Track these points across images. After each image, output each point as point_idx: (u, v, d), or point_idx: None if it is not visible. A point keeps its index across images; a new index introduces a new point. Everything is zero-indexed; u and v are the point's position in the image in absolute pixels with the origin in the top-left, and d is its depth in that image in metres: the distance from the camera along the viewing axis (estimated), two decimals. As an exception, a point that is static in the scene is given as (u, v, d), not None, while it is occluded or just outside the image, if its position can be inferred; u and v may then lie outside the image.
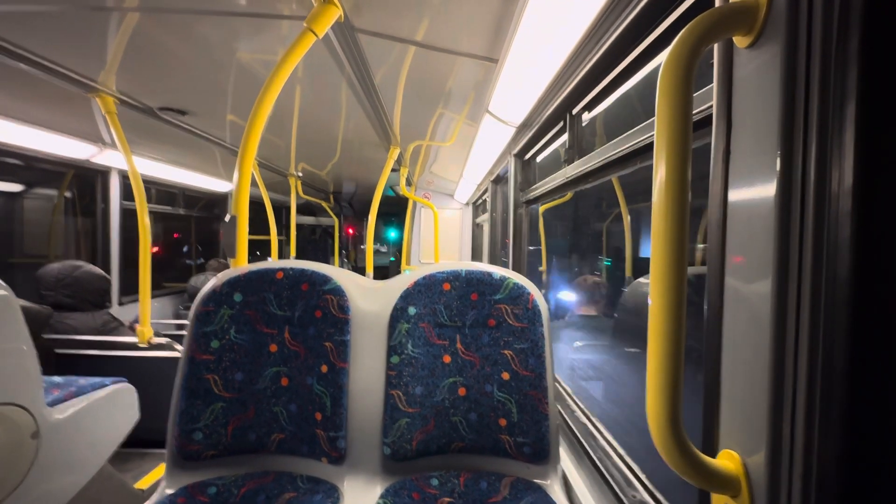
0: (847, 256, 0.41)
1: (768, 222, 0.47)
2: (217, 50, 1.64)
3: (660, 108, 0.48)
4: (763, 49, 0.49)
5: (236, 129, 2.81)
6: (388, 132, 2.82)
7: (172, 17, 1.41)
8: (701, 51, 0.48)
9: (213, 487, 1.01)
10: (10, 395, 1.19)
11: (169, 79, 1.96)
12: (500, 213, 3.65)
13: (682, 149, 0.47)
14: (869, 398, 0.42)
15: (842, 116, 0.42)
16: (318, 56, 1.64)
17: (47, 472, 1.28)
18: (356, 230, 10.27)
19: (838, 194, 0.42)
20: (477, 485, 1.02)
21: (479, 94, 1.99)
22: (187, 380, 1.07)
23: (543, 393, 1.06)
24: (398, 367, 1.09)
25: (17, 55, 1.64)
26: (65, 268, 2.46)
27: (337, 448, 1.05)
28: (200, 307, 1.11)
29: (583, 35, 1.11)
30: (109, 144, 3.10)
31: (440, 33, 1.45)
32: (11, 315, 1.21)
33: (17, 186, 3.20)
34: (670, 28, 0.85)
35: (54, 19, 1.43)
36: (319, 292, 1.13)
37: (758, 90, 0.50)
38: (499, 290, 1.12)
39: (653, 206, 0.49)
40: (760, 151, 0.49)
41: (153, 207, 4.38)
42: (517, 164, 2.33)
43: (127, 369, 2.16)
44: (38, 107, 2.32)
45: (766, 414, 0.47)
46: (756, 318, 0.49)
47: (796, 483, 0.44)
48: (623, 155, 1.08)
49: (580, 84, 1.29)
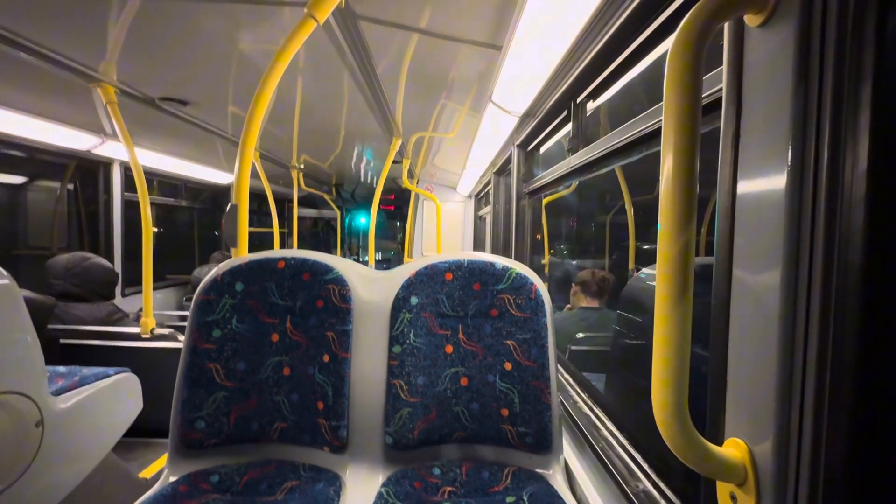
0: (859, 245, 0.40)
1: (778, 210, 0.46)
2: (218, 39, 1.63)
3: (667, 92, 0.47)
4: (776, 28, 0.47)
5: (238, 120, 2.80)
6: (390, 123, 2.80)
7: (173, 5, 1.39)
8: (710, 31, 0.46)
9: (216, 475, 1.01)
10: (15, 384, 1.20)
11: (170, 68, 1.95)
12: (502, 205, 3.63)
13: (691, 135, 0.46)
14: (878, 387, 0.41)
15: (857, 99, 0.41)
16: (320, 45, 1.62)
17: (52, 460, 1.29)
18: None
19: (851, 182, 0.41)
20: (479, 474, 1.03)
21: (482, 84, 1.97)
22: (189, 369, 1.07)
23: (546, 383, 1.05)
24: (400, 356, 1.08)
25: (17, 44, 1.62)
26: (74, 258, 2.49)
27: (339, 437, 1.05)
28: (202, 296, 1.10)
29: (587, 20, 1.09)
30: (111, 135, 3.10)
31: (442, 20, 1.43)
32: (15, 305, 1.21)
33: (19, 178, 3.20)
34: (678, 9, 0.83)
35: (55, 8, 1.41)
36: (321, 282, 1.12)
37: (770, 72, 0.49)
38: (501, 280, 1.11)
39: (660, 194, 0.48)
40: (771, 137, 0.48)
41: (155, 199, 4.38)
42: (520, 155, 2.32)
43: (130, 359, 2.18)
44: (39, 97, 2.31)
45: (774, 403, 0.46)
46: (764, 306, 0.48)
47: (804, 471, 0.44)
48: (629, 142, 1.06)
49: (585, 72, 1.27)
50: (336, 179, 6.41)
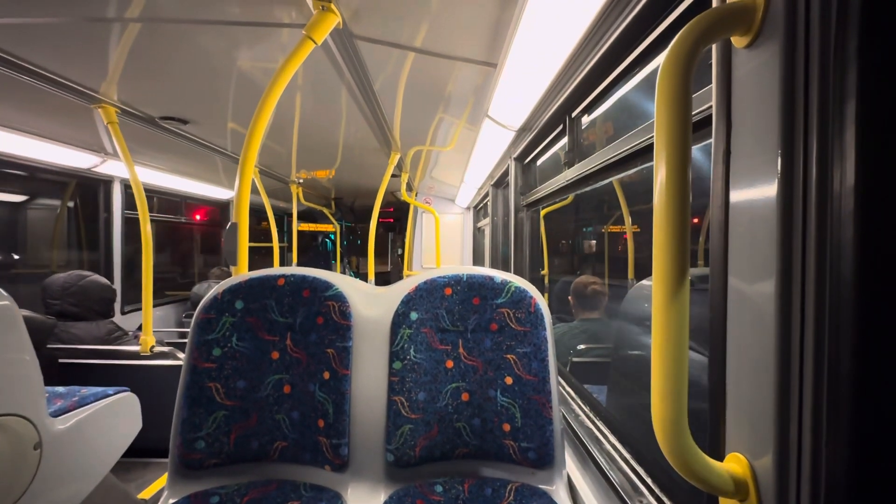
0: (850, 256, 0.41)
1: (770, 223, 0.47)
2: (217, 59, 1.65)
3: (659, 109, 0.48)
4: (761, 49, 0.49)
5: (237, 138, 2.83)
6: (388, 137, 2.83)
7: (173, 27, 1.42)
8: (699, 51, 0.48)
9: (216, 496, 1.00)
10: (13, 405, 1.19)
11: (170, 88, 1.97)
12: (500, 217, 3.65)
13: (682, 150, 0.47)
14: (876, 398, 0.41)
15: (842, 116, 0.42)
16: (318, 63, 1.64)
17: (50, 482, 1.28)
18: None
19: (840, 194, 0.42)
20: (481, 491, 1.02)
21: (479, 99, 1.99)
22: (189, 388, 1.07)
23: (547, 397, 1.05)
24: (400, 372, 1.08)
25: (19, 67, 1.65)
26: (71, 277, 2.49)
27: (340, 455, 1.04)
28: (202, 315, 1.10)
29: (581, 38, 1.11)
30: (112, 154, 3.12)
31: (438, 39, 1.45)
32: (14, 325, 1.21)
33: (20, 197, 3.22)
34: (668, 29, 0.85)
35: (56, 31, 1.44)
36: (321, 298, 1.13)
37: (757, 90, 0.50)
38: (500, 294, 1.11)
39: (654, 207, 0.49)
40: (761, 151, 0.49)
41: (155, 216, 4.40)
42: (517, 168, 2.33)
43: (130, 378, 2.16)
44: (40, 118, 2.34)
45: (773, 417, 0.46)
46: (760, 319, 0.48)
47: (805, 486, 0.44)
48: (623, 157, 1.08)
49: (579, 87, 1.29)
50: (335, 193, 6.44)
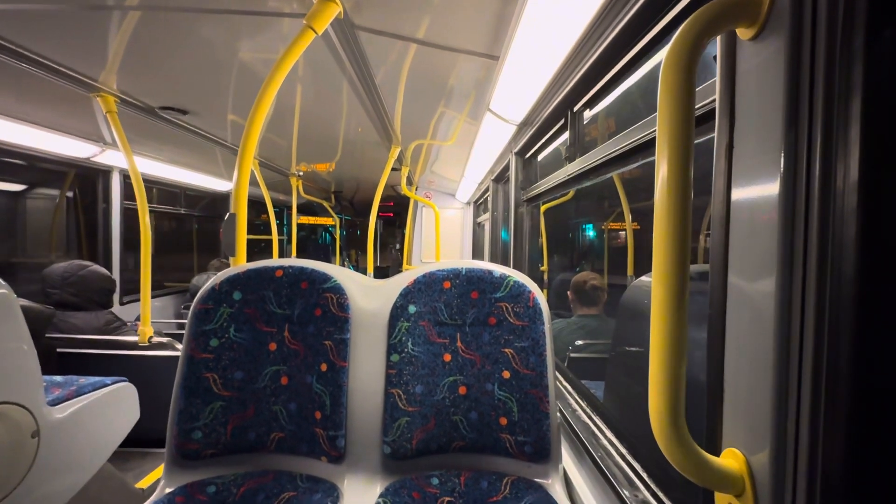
0: (852, 253, 0.41)
1: (772, 219, 0.47)
2: (218, 49, 1.64)
3: (661, 102, 0.47)
4: (767, 41, 0.48)
5: (237, 129, 2.81)
6: (388, 131, 2.82)
7: (173, 15, 1.40)
8: (703, 44, 0.47)
9: (213, 486, 1.00)
10: (10, 394, 1.19)
11: (169, 78, 1.96)
12: (501, 212, 3.64)
13: (685, 144, 0.46)
14: (874, 396, 0.41)
15: (847, 111, 0.41)
16: (319, 54, 1.63)
17: (47, 471, 1.28)
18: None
19: (843, 190, 0.41)
20: (477, 484, 1.02)
21: (480, 92, 1.98)
22: (186, 379, 1.07)
23: (544, 391, 1.05)
24: (398, 365, 1.08)
25: (18, 55, 1.64)
26: (71, 267, 2.48)
27: (336, 447, 1.04)
28: (199, 305, 1.10)
29: (584, 31, 1.10)
30: (110, 144, 3.11)
31: (440, 30, 1.44)
32: (11, 314, 1.21)
33: (19, 186, 3.20)
34: (672, 21, 0.84)
35: (55, 19, 1.42)
36: (319, 290, 1.12)
37: (762, 84, 0.49)
38: (499, 289, 1.11)
39: (655, 202, 0.48)
40: (764, 147, 0.48)
41: (154, 207, 4.39)
42: (518, 163, 2.33)
43: (128, 368, 2.16)
44: (39, 106, 2.33)
45: (770, 412, 0.46)
46: (760, 315, 0.48)
47: (801, 482, 0.44)
48: (625, 151, 1.07)
49: (581, 81, 1.28)
50: (335, 187, 6.43)
